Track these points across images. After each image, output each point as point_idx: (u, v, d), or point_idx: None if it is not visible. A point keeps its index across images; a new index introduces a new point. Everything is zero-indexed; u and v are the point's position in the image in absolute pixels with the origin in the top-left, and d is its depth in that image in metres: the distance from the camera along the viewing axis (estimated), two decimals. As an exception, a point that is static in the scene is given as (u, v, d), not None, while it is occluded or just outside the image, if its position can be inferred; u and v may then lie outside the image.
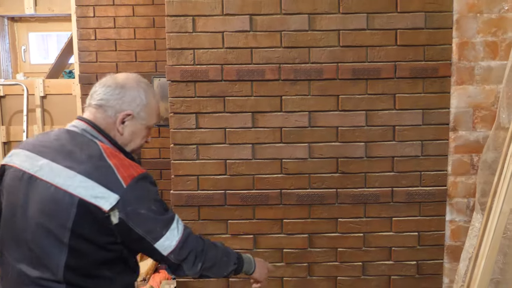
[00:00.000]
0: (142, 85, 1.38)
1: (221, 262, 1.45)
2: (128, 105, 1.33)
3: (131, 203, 1.25)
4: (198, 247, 1.38)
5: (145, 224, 1.28)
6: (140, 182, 1.29)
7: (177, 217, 1.36)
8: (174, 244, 1.31)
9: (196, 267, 1.37)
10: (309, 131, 2.05)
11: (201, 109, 2.05)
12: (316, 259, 2.12)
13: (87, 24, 3.07)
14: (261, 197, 2.09)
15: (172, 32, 2.01)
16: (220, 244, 1.50)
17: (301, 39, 1.99)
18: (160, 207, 1.33)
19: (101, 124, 1.33)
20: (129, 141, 1.38)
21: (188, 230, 1.37)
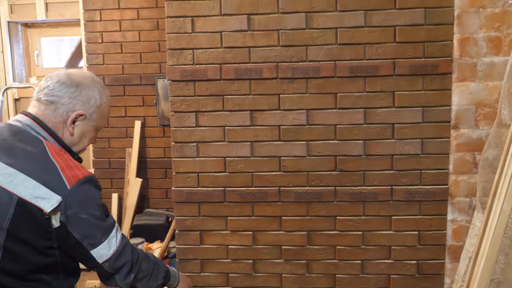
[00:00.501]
0: (97, 85, 1.33)
1: (152, 275, 1.40)
2: (81, 105, 1.28)
3: (73, 206, 1.19)
4: (134, 258, 1.34)
5: (85, 229, 1.22)
6: (84, 184, 1.22)
7: (116, 225, 1.33)
8: (111, 253, 1.27)
9: (129, 278, 1.33)
10: (307, 129, 2.06)
11: (201, 108, 2.08)
12: (314, 256, 2.12)
13: (94, 28, 3.15)
14: (260, 194, 2.10)
15: (171, 33, 2.05)
16: (152, 256, 1.46)
17: (298, 37, 2.01)
18: (103, 213, 1.29)
19: (49, 121, 1.26)
20: (78, 142, 1.33)
21: (126, 240, 1.34)
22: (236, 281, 2.17)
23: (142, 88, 3.16)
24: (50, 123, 1.26)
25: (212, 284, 2.18)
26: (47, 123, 1.26)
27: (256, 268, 2.15)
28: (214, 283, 2.18)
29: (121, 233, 1.33)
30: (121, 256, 1.30)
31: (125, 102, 3.19)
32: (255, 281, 2.16)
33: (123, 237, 1.33)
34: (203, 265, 2.18)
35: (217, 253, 2.17)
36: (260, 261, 2.15)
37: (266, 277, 2.15)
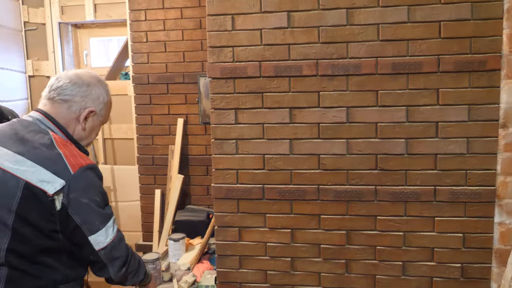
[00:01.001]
0: (103, 84, 1.46)
1: (137, 271, 1.51)
2: (92, 103, 1.41)
3: (75, 190, 1.27)
4: (128, 253, 1.43)
5: (85, 214, 1.30)
6: (87, 171, 1.32)
7: (114, 217, 1.40)
8: (108, 241, 1.34)
9: (120, 271, 1.40)
10: (347, 126, 2.03)
11: (240, 105, 2.10)
12: (354, 256, 2.10)
13: (139, 27, 3.24)
14: (299, 192, 2.10)
15: (212, 31, 2.08)
16: (137, 254, 1.55)
17: (338, 34, 1.99)
18: (103, 201, 1.37)
19: (61, 118, 1.38)
20: (88, 136, 1.46)
21: (121, 234, 1.42)
22: (275, 278, 2.18)
23: (185, 86, 3.22)
24: (62, 119, 1.38)
25: (250, 280, 2.20)
26: (59, 119, 1.38)
27: (294, 266, 2.15)
28: (252, 280, 2.20)
29: (117, 226, 1.41)
30: (117, 247, 1.38)
31: (168, 100, 3.27)
32: (293, 279, 2.16)
33: (119, 230, 1.41)
34: (242, 261, 2.20)
35: (255, 250, 2.18)
36: (299, 259, 2.15)
37: (304, 276, 2.15)
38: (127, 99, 3.94)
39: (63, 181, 1.26)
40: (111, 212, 1.40)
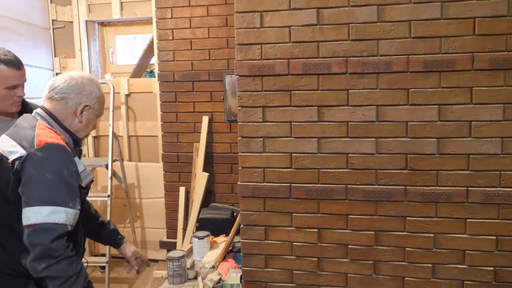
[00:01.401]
0: (94, 81, 1.64)
1: (67, 282, 1.40)
2: (86, 98, 1.59)
3: (30, 160, 1.40)
4: (53, 250, 1.37)
5: (27, 184, 1.40)
6: (49, 148, 1.43)
7: (64, 210, 1.41)
8: (33, 221, 1.37)
9: (37, 265, 1.37)
10: (377, 125, 2.00)
11: (268, 103, 2.09)
12: (382, 257, 2.06)
13: (165, 25, 3.26)
14: (326, 191, 2.07)
15: (240, 28, 2.07)
16: (83, 273, 1.46)
17: (369, 31, 1.95)
18: (55, 183, 1.41)
19: (58, 113, 1.56)
20: (84, 128, 1.62)
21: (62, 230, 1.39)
22: (301, 278, 2.16)
23: (210, 84, 3.22)
24: (59, 114, 1.57)
25: (276, 280, 2.19)
26: (57, 114, 1.56)
27: (321, 266, 2.13)
28: (278, 279, 2.18)
29: (60, 219, 1.39)
30: (41, 234, 1.37)
31: (194, 97, 3.28)
32: (320, 279, 2.14)
33: (61, 226, 1.39)
34: (267, 260, 2.19)
35: (281, 249, 2.16)
36: (325, 259, 2.12)
37: (331, 276, 2.12)
38: (152, 96, 3.97)
39: (24, 151, 1.42)
40: (62, 201, 1.41)
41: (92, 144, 4.17)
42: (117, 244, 1.96)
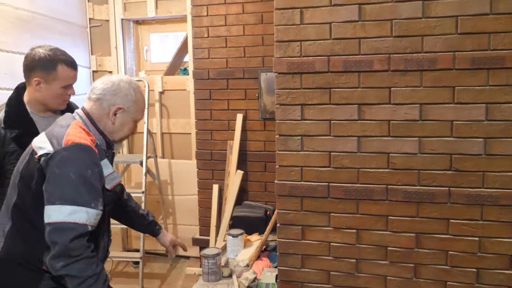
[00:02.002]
0: (133, 85, 1.63)
1: (86, 282, 1.39)
2: (121, 100, 1.58)
3: (55, 158, 1.42)
4: (72, 249, 1.36)
5: (50, 182, 1.41)
6: (75, 148, 1.45)
7: (85, 209, 1.40)
8: (54, 220, 1.38)
9: (56, 263, 1.37)
10: (420, 124, 1.93)
11: (307, 101, 2.06)
12: (423, 260, 2.00)
13: (201, 23, 3.26)
14: (366, 191, 2.03)
15: (280, 25, 2.04)
16: (104, 276, 1.46)
17: (413, 27, 1.89)
18: (78, 183, 1.41)
19: (94, 113, 1.58)
20: (118, 130, 1.63)
21: (82, 231, 1.39)
22: (338, 279, 2.12)
23: (245, 82, 3.21)
24: (94, 114, 1.59)
25: (312, 280, 2.16)
26: (93, 114, 1.59)
27: (359, 268, 2.09)
28: (314, 280, 2.15)
29: (81, 219, 1.40)
30: (60, 232, 1.37)
31: (228, 95, 3.27)
32: (358, 281, 2.09)
33: (81, 226, 1.39)
34: (304, 260, 2.16)
35: (318, 250, 2.13)
36: (364, 261, 2.07)
37: (370, 278, 2.08)
38: (186, 94, 3.99)
39: (52, 149, 1.44)
40: (83, 200, 1.41)
41: (126, 141, 4.23)
42: (155, 234, 2.03)
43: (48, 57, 1.87)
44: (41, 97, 1.91)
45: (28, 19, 3.16)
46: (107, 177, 1.56)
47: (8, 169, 1.88)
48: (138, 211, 1.98)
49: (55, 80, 1.88)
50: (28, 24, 3.16)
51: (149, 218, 2.01)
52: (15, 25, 3.01)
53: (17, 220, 1.50)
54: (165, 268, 3.99)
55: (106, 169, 1.56)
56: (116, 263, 4.10)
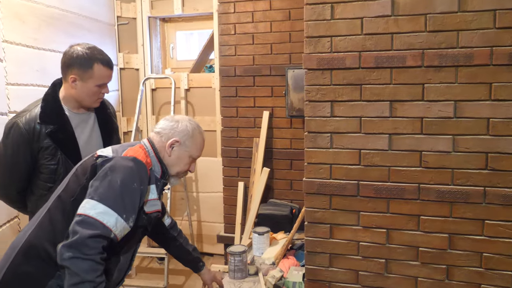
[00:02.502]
0: (192, 123, 1.76)
1: (81, 285, 1.37)
2: (177, 134, 1.70)
3: (110, 163, 1.53)
4: (88, 250, 1.38)
5: (98, 180, 1.50)
6: (130, 160, 1.55)
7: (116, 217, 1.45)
8: (85, 212, 1.43)
9: (65, 253, 1.38)
10: (454, 122, 1.88)
11: (337, 97, 2.02)
12: (456, 262, 1.94)
13: (228, 19, 3.25)
14: (397, 190, 1.98)
15: (310, 20, 2.02)
16: (103, 283, 1.43)
17: (448, 22, 1.84)
18: (121, 191, 1.48)
19: (156, 144, 1.70)
20: (174, 164, 1.72)
21: (105, 233, 1.42)
22: (367, 280, 2.08)
23: (272, 79, 3.19)
24: (157, 145, 1.71)
25: (340, 280, 2.12)
26: (155, 145, 1.71)
27: (388, 268, 2.04)
28: (342, 279, 2.12)
29: (111, 225, 1.44)
30: (85, 225, 1.41)
31: (254, 92, 3.26)
32: (387, 282, 2.05)
33: (105, 228, 1.42)
34: (332, 259, 2.13)
35: (347, 249, 2.10)
36: (394, 261, 2.03)
37: (400, 279, 2.03)
38: (211, 91, 4.00)
39: (112, 156, 1.58)
40: (118, 208, 1.46)
41: (152, 138, 4.27)
42: (197, 270, 2.15)
43: (86, 55, 1.89)
44: (76, 94, 1.94)
45: (59, 17, 3.21)
46: (149, 201, 1.64)
47: (42, 163, 1.91)
48: (185, 247, 2.10)
49: (90, 78, 1.90)
50: (59, 21, 3.22)
51: (195, 255, 2.12)
52: (46, 23, 3.07)
53: (53, 210, 1.55)
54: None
55: (151, 194, 1.65)
56: (141, 259, 4.14)
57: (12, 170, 1.92)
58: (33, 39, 2.93)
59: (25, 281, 1.50)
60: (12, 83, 2.71)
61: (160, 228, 2.04)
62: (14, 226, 2.64)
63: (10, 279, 1.50)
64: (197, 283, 3.64)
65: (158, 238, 2.09)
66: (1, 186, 1.96)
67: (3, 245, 1.56)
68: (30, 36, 2.89)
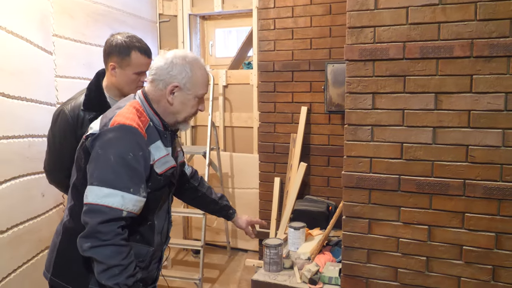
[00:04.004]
0: (188, 60, 1.50)
1: (109, 270, 1.34)
2: (175, 78, 1.48)
3: (99, 140, 1.41)
4: (100, 232, 1.32)
5: (92, 163, 1.40)
6: (119, 129, 1.41)
7: (120, 194, 1.35)
8: (89, 201, 1.36)
9: (84, 243, 1.34)
10: (505, 115, 1.79)
11: (379, 89, 1.98)
12: (503, 262, 1.85)
13: (268, 15, 3.25)
14: (440, 185, 1.91)
15: (353, 11, 1.98)
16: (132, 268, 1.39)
17: (501, 9, 1.76)
18: (118, 165, 1.37)
19: (152, 94, 1.52)
20: (180, 110, 1.53)
21: (115, 215, 1.34)
22: (406, 277, 2.02)
23: (310, 74, 3.16)
24: (152, 96, 1.53)
25: (378, 277, 2.07)
26: (150, 96, 1.53)
27: (430, 266, 1.97)
28: (381, 276, 2.06)
29: (118, 205, 1.35)
30: (92, 214, 1.34)
31: (293, 88, 3.23)
32: (428, 280, 1.98)
33: (114, 210, 1.34)
34: (370, 255, 2.08)
35: (386, 245, 2.04)
36: (436, 259, 1.96)
37: (441, 278, 1.96)
38: (249, 88, 4.01)
39: (98, 129, 1.44)
40: (122, 185, 1.36)
41: (190, 133, 4.33)
42: (228, 218, 2.01)
43: (124, 43, 1.93)
44: (116, 81, 1.98)
45: (104, 13, 3.31)
46: (158, 160, 1.50)
47: None
48: (210, 196, 1.96)
49: (128, 66, 1.94)
50: (104, 17, 3.31)
51: (222, 203, 1.98)
52: (93, 18, 3.17)
53: (76, 199, 1.51)
54: (223, 260, 4.03)
55: (158, 152, 1.50)
56: (177, 252, 4.20)
57: (60, 156, 1.98)
58: (81, 34, 3.03)
59: (74, 262, 1.52)
60: (61, 76, 2.81)
61: (181, 179, 1.86)
62: (60, 212, 2.73)
63: (61, 262, 1.56)
64: (230, 277, 3.65)
65: (180, 192, 1.91)
66: (51, 171, 2.03)
67: (51, 228, 1.60)
68: (78, 31, 2.99)
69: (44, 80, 2.64)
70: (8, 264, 2.25)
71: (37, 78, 2.56)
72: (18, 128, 2.35)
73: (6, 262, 2.24)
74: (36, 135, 2.50)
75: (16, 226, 2.33)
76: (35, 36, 2.53)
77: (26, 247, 2.41)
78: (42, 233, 2.51)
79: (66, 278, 1.54)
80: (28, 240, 2.42)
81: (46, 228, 2.55)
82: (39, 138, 2.51)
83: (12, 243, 2.28)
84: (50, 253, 1.61)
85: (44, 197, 2.57)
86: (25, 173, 2.41)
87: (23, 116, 2.39)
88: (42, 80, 2.61)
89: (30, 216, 2.45)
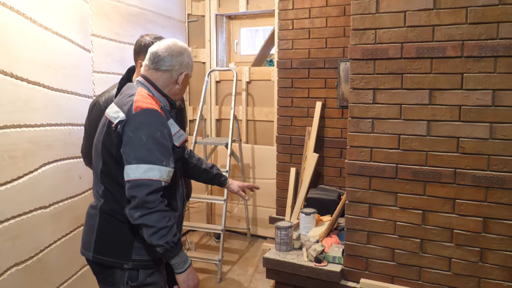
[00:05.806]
0: (187, 51, 1.78)
1: (158, 232, 1.58)
2: (185, 68, 1.75)
3: (129, 125, 1.61)
4: (148, 202, 1.55)
5: (127, 146, 1.60)
6: (144, 113, 1.62)
7: (158, 167, 1.58)
8: (132, 177, 1.57)
9: (134, 213, 1.57)
10: (492, 110, 1.96)
11: (379, 85, 2.18)
12: (490, 245, 2.02)
13: (287, 16, 3.47)
14: (433, 174, 2.10)
15: (356, 14, 2.19)
16: (175, 228, 1.63)
17: (489, 14, 1.93)
18: (150, 143, 1.58)
19: (161, 81, 1.74)
20: (181, 91, 1.80)
21: (156, 187, 1.57)
22: (402, 257, 2.21)
23: (325, 71, 3.36)
24: (161, 83, 1.75)
25: (377, 257, 2.27)
26: (158, 82, 1.74)
27: (423, 248, 2.16)
28: (379, 256, 2.26)
29: (158, 177, 1.58)
30: (138, 188, 1.56)
31: (309, 84, 3.45)
32: (422, 261, 2.17)
33: (155, 182, 1.57)
34: (370, 237, 2.28)
35: (384, 228, 2.24)
36: (429, 242, 2.15)
37: (434, 259, 2.14)
38: (270, 84, 4.25)
39: (124, 116, 1.63)
40: (156, 159, 1.58)
41: (215, 126, 4.60)
42: (221, 184, 2.22)
43: (151, 44, 2.19)
44: None
45: (137, 14, 3.61)
46: (174, 135, 1.72)
47: None
48: (200, 166, 2.15)
49: None
50: (137, 18, 3.62)
51: (213, 171, 2.17)
52: (127, 19, 3.47)
53: (107, 184, 1.73)
54: (243, 245, 4.29)
55: (173, 128, 1.72)
56: (201, 236, 4.49)
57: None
58: (116, 33, 3.34)
59: (114, 237, 1.75)
60: (97, 71, 3.12)
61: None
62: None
63: (102, 240, 1.77)
64: (249, 261, 3.91)
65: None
66: (87, 155, 2.32)
67: (87, 207, 1.86)
68: (113, 30, 3.30)
69: (83, 75, 2.95)
70: (50, 236, 2.58)
71: (77, 73, 2.87)
72: (60, 117, 2.67)
73: (48, 234, 2.56)
74: (76, 123, 2.81)
75: (57, 203, 2.65)
76: (75, 36, 2.84)
77: (65, 222, 2.73)
78: (79, 211, 2.83)
79: (109, 252, 1.74)
80: (67, 216, 2.74)
81: (83, 207, 2.87)
82: (77, 127, 2.83)
83: (53, 218, 2.61)
84: (87, 234, 1.80)
85: (81, 179, 2.89)
86: (65, 157, 2.73)
87: (65, 106, 2.71)
88: (81, 75, 2.93)
89: (69, 195, 2.78)
